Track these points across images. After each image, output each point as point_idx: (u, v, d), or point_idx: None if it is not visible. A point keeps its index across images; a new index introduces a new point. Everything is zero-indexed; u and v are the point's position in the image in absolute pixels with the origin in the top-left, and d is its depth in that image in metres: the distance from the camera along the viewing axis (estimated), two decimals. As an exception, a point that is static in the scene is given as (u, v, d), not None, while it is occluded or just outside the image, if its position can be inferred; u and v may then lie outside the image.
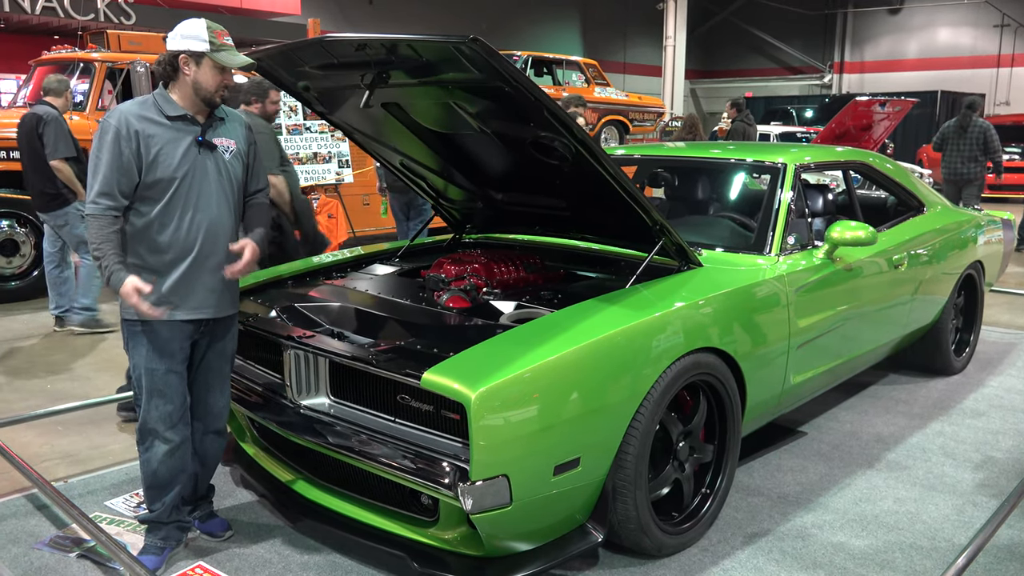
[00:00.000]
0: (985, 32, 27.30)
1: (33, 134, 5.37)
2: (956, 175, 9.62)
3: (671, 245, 3.22)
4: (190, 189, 2.70)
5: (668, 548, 2.95)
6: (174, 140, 2.69)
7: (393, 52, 2.77)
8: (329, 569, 2.88)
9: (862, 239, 3.63)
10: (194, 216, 2.71)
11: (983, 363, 5.37)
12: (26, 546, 3.02)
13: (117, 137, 2.62)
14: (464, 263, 3.57)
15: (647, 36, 28.00)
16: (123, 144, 2.62)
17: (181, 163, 2.68)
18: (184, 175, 2.69)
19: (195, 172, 2.71)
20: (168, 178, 2.67)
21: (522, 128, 3.03)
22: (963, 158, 9.52)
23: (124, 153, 2.62)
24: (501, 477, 2.39)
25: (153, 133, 2.66)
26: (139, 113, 2.68)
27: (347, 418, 2.82)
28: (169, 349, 2.73)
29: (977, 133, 9.44)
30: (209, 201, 2.74)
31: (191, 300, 2.74)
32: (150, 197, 2.68)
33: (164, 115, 2.69)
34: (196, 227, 2.72)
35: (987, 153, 9.47)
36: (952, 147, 9.59)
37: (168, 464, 2.81)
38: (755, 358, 3.24)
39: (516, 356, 2.50)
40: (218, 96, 2.73)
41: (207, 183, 2.74)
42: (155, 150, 2.65)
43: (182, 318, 2.74)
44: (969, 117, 9.48)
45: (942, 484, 3.61)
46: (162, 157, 2.66)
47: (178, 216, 2.70)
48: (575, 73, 15.05)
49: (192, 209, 2.71)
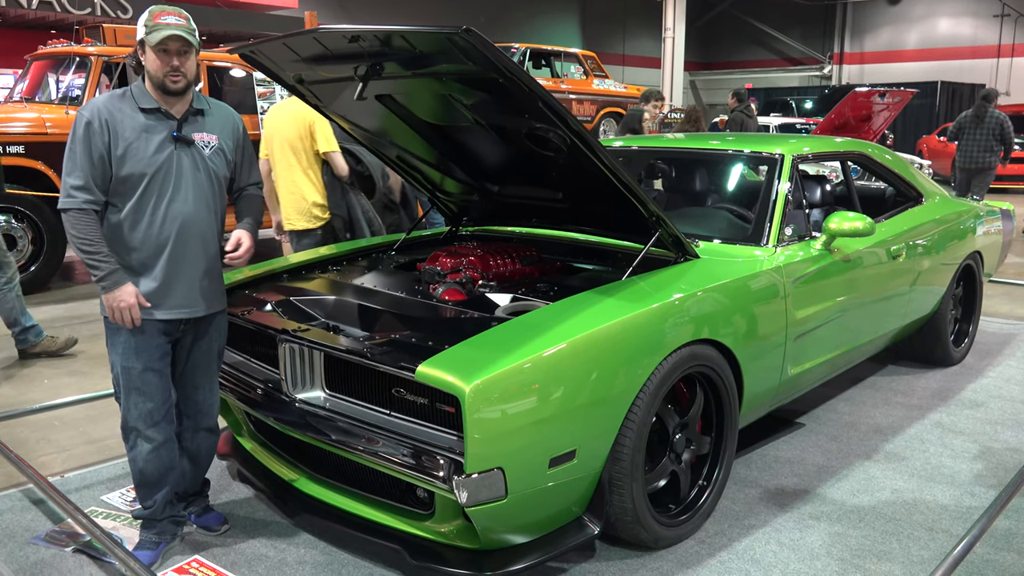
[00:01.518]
0: (985, 22, 27.22)
1: None
2: (972, 163, 9.95)
3: (668, 237, 3.21)
4: (163, 185, 2.65)
5: (665, 540, 2.95)
6: (147, 134, 2.63)
7: (386, 43, 2.75)
8: (325, 563, 2.87)
9: (860, 230, 3.62)
10: (167, 213, 2.66)
11: (982, 353, 5.36)
12: (22, 541, 3.02)
13: (89, 130, 2.58)
14: (460, 256, 3.56)
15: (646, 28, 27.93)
16: (95, 137, 2.58)
17: (153, 158, 2.63)
18: (157, 170, 2.63)
19: (169, 167, 2.65)
20: (139, 173, 2.61)
21: (517, 120, 3.02)
22: (979, 147, 9.86)
23: (97, 146, 2.58)
24: (496, 470, 2.38)
25: (125, 126, 2.61)
26: (113, 105, 2.63)
27: (342, 412, 2.81)
28: (147, 347, 2.70)
29: (994, 124, 9.80)
30: (185, 197, 2.68)
31: (170, 299, 2.70)
32: (122, 192, 2.63)
33: (139, 107, 2.64)
34: (169, 224, 2.66)
35: (1003, 143, 9.81)
36: (969, 136, 9.94)
37: (154, 462, 2.79)
38: (752, 350, 3.23)
39: (511, 349, 2.49)
40: (170, 82, 2.61)
41: (183, 179, 2.68)
42: (125, 144, 2.60)
43: (162, 317, 2.70)
44: (985, 108, 9.82)
45: (940, 475, 3.60)
46: (132, 151, 2.60)
47: (150, 212, 2.65)
48: (574, 65, 15.00)
49: (165, 206, 2.66)
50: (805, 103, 21.98)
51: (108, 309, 2.62)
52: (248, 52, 3.22)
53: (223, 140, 2.80)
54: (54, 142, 7.05)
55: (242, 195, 2.93)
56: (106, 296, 2.61)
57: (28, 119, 7.23)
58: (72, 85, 7.69)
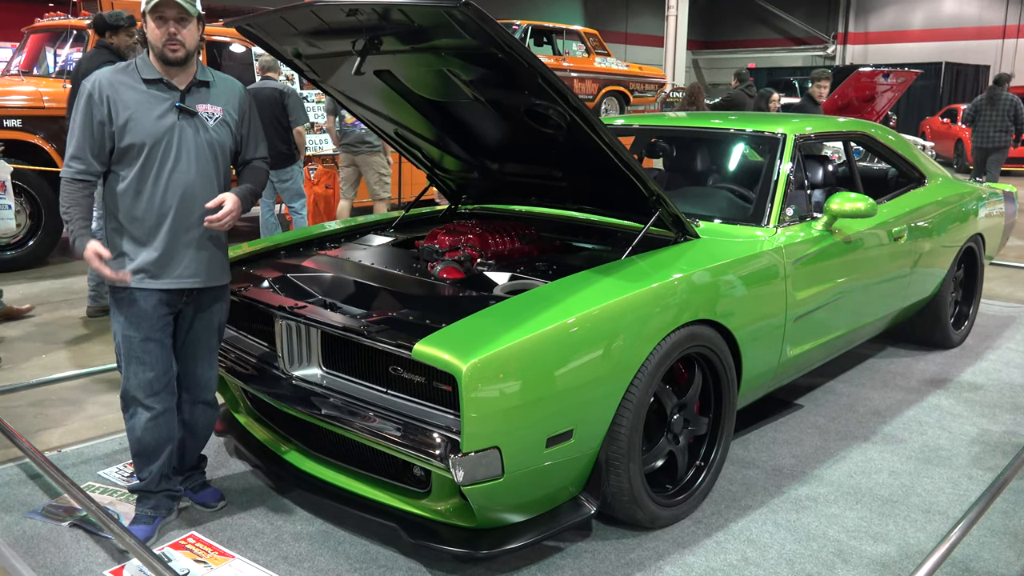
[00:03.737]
0: (991, 3, 27.01)
1: (278, 105, 6.45)
2: (988, 142, 10.57)
3: (668, 216, 3.18)
4: (164, 155, 2.65)
5: (662, 520, 2.95)
6: (148, 105, 2.64)
7: (385, 17, 2.71)
8: (321, 539, 2.88)
9: (861, 211, 3.59)
10: (168, 183, 2.66)
11: (982, 336, 5.35)
12: (18, 515, 3.02)
13: (90, 101, 2.61)
14: (459, 234, 3.53)
15: (649, 5, 27.71)
16: (95, 108, 2.60)
17: (155, 127, 2.63)
18: (157, 140, 2.64)
19: (171, 138, 2.66)
20: (139, 143, 2.62)
21: (517, 96, 2.98)
22: (995, 127, 10.49)
23: (95, 117, 2.60)
24: (493, 449, 2.37)
25: (126, 97, 2.62)
26: (116, 77, 2.64)
27: (339, 389, 2.80)
28: (148, 317, 2.70)
29: (1008, 105, 10.42)
30: (188, 168, 2.69)
31: (172, 269, 2.70)
32: (125, 162, 2.65)
33: (141, 79, 2.65)
34: (171, 194, 2.67)
35: (1016, 123, 10.41)
36: (985, 118, 10.56)
37: (152, 432, 2.79)
38: (751, 330, 3.22)
39: (509, 327, 2.48)
40: (169, 51, 2.61)
41: (185, 150, 2.68)
42: (126, 114, 2.61)
43: (163, 287, 2.70)
44: (998, 91, 10.50)
45: (938, 457, 3.60)
46: (133, 122, 2.61)
47: (151, 183, 2.66)
48: (575, 43, 14.89)
49: (167, 176, 2.66)
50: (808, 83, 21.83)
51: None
52: (245, 25, 3.18)
53: (228, 112, 2.79)
54: (51, 116, 7.00)
55: (247, 167, 2.91)
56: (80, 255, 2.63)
57: (25, 92, 7.18)
58: (69, 58, 7.62)
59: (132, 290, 2.68)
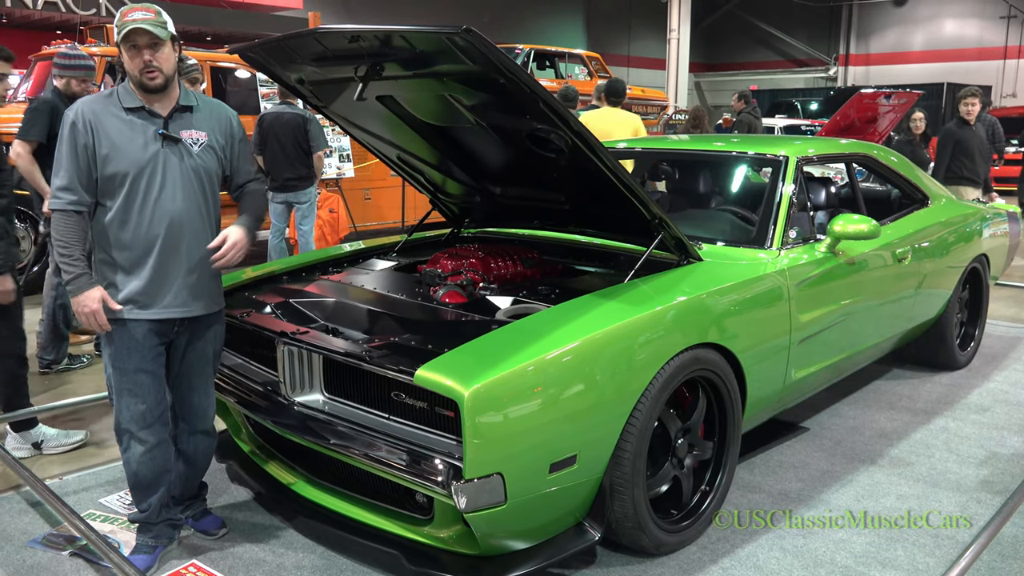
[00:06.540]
0: (991, 24, 27.15)
1: (300, 130, 6.59)
2: None
3: (670, 239, 3.17)
4: (149, 184, 2.63)
5: (667, 546, 2.92)
6: (131, 133, 2.62)
7: (386, 44, 2.72)
8: (323, 568, 2.85)
9: (865, 232, 3.59)
10: (155, 212, 2.63)
11: (988, 358, 5.32)
12: (19, 544, 3.00)
13: (74, 130, 2.58)
14: (461, 258, 3.53)
15: (651, 29, 27.91)
16: (79, 137, 2.57)
17: (138, 156, 2.61)
18: (141, 169, 2.61)
19: (155, 166, 2.63)
20: (123, 172, 2.60)
21: (518, 120, 2.99)
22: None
23: (80, 146, 2.57)
24: (495, 475, 2.35)
25: (109, 126, 2.60)
26: (98, 105, 2.62)
27: (341, 415, 2.78)
28: (139, 347, 2.67)
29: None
30: (174, 196, 2.66)
31: (161, 299, 2.67)
32: (109, 192, 2.62)
33: (123, 107, 2.63)
34: (157, 223, 2.64)
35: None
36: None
37: (148, 465, 2.76)
38: (756, 354, 3.20)
39: (511, 352, 2.46)
40: (147, 79, 2.58)
41: (170, 178, 2.65)
42: (108, 143, 2.59)
43: (153, 317, 2.67)
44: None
45: (945, 480, 3.56)
46: (117, 150, 2.59)
47: (137, 212, 2.63)
48: (578, 66, 14.98)
49: (153, 205, 2.63)
50: (810, 105, 21.93)
51: (77, 314, 2.60)
52: (248, 53, 3.20)
53: (213, 137, 2.75)
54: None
55: (243, 192, 2.89)
56: (73, 300, 2.59)
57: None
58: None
59: (122, 320, 2.65)
